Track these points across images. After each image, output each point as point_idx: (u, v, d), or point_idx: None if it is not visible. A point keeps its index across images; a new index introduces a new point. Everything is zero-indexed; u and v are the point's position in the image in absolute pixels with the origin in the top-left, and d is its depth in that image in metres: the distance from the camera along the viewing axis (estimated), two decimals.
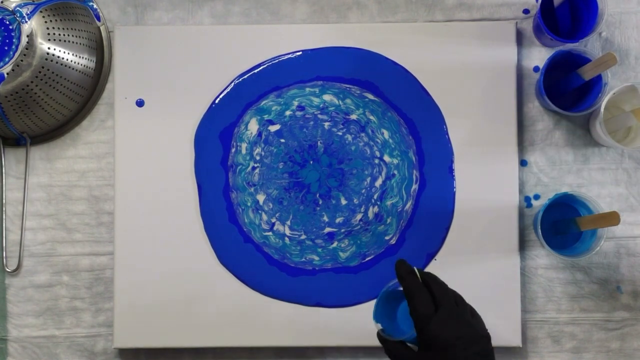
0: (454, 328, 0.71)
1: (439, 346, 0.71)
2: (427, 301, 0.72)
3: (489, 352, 0.73)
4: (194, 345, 0.91)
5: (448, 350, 0.71)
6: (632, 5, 0.94)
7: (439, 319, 0.71)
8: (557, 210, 0.89)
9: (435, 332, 0.71)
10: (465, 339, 0.71)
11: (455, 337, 0.71)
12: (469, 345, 0.71)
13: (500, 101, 0.92)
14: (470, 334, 0.72)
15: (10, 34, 0.85)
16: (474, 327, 0.73)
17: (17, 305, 0.93)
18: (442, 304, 0.72)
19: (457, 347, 0.71)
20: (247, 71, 0.93)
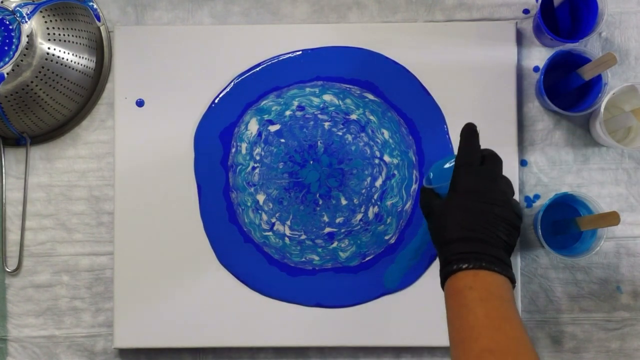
0: (481, 181, 0.73)
1: (462, 191, 0.73)
2: (473, 153, 0.75)
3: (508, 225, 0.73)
4: (194, 345, 0.91)
5: (466, 196, 0.73)
6: (632, 5, 0.94)
7: (473, 169, 0.74)
8: (557, 210, 0.89)
9: (464, 177, 0.74)
10: (487, 195, 0.73)
11: (477, 188, 0.73)
12: (489, 202, 0.72)
13: (500, 101, 0.92)
14: (496, 195, 0.73)
15: (10, 34, 0.85)
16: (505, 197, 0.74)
17: (17, 305, 0.93)
18: (486, 163, 0.75)
19: (475, 195, 0.73)
20: (246, 71, 0.93)
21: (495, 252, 0.71)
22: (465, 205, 0.73)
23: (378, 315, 0.90)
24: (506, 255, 0.73)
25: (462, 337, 0.68)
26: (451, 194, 0.75)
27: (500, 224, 0.72)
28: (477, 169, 0.75)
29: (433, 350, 0.92)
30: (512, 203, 0.75)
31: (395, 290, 0.90)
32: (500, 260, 0.71)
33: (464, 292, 0.70)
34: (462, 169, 0.75)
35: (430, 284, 0.90)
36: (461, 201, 0.73)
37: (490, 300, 0.69)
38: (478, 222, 0.72)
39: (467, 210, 0.73)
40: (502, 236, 0.72)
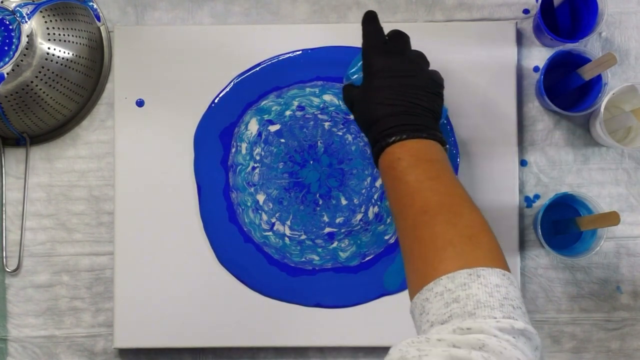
0: (389, 57, 0.75)
1: (372, 71, 0.75)
2: (376, 36, 0.77)
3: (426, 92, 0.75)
4: (194, 345, 0.91)
5: (377, 75, 0.74)
6: (632, 5, 0.94)
7: (378, 49, 0.76)
8: (557, 210, 0.89)
9: (370, 59, 0.75)
10: (398, 69, 0.74)
11: (388, 65, 0.74)
12: (401, 74, 0.74)
13: (500, 101, 0.92)
14: (406, 66, 0.75)
15: (10, 34, 0.85)
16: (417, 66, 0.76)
17: (17, 305, 0.93)
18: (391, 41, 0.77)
19: (385, 72, 0.74)
20: (246, 71, 0.93)
21: (419, 120, 0.73)
22: (380, 84, 0.74)
23: (378, 315, 0.90)
24: (433, 122, 0.74)
25: (399, 209, 0.69)
26: (365, 78, 0.76)
27: (419, 93, 0.74)
28: (383, 48, 0.76)
29: None
30: (427, 71, 0.77)
31: (395, 291, 0.90)
32: (426, 126, 0.73)
33: (394, 164, 0.71)
34: (368, 50, 0.76)
35: None
36: (376, 81, 0.75)
37: (419, 165, 0.70)
38: (396, 96, 0.73)
39: (383, 88, 0.74)
40: (424, 104, 0.74)
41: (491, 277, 0.61)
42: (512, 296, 0.61)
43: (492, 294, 0.60)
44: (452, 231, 0.65)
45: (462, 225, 0.65)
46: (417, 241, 0.66)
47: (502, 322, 0.58)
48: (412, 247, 0.67)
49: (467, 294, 0.60)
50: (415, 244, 0.66)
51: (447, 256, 0.63)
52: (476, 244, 0.64)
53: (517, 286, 0.63)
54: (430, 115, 0.74)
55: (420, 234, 0.66)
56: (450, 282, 0.61)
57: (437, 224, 0.65)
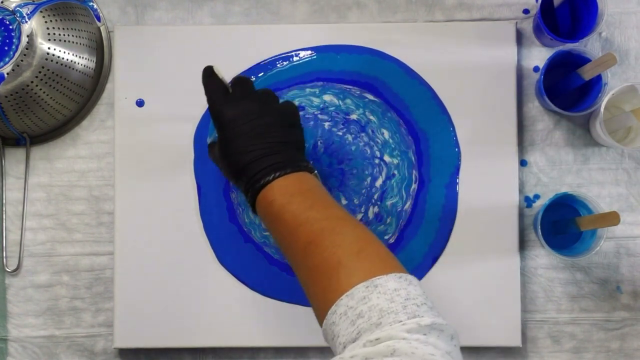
0: (235, 106, 0.75)
1: (222, 124, 0.75)
2: (217, 89, 0.76)
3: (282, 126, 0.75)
4: (194, 345, 0.91)
5: (228, 127, 0.74)
6: (632, 5, 0.94)
7: (222, 100, 0.75)
8: (557, 210, 0.89)
9: (217, 113, 0.75)
10: (246, 113, 0.74)
11: (235, 114, 0.74)
12: (252, 118, 0.74)
13: (500, 101, 0.92)
14: (255, 109, 0.75)
15: (10, 34, 0.85)
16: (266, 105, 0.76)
17: (17, 305, 0.93)
18: (232, 90, 0.77)
19: (236, 122, 0.74)
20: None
21: (280, 157, 0.73)
22: (233, 135, 0.74)
23: None
24: (296, 153, 0.75)
25: (286, 247, 0.70)
26: (218, 133, 0.76)
27: (273, 130, 0.74)
28: (227, 98, 0.76)
29: None
30: (276, 107, 0.76)
31: None
32: (289, 160, 0.73)
33: (269, 208, 0.72)
34: (213, 106, 0.76)
35: (430, 285, 0.90)
36: (228, 133, 0.74)
37: (292, 202, 0.70)
38: (252, 141, 0.73)
39: (237, 138, 0.74)
40: (281, 139, 0.74)
41: (388, 283, 0.62)
42: (413, 295, 0.61)
43: (393, 299, 0.61)
44: (340, 251, 0.65)
45: (347, 243, 0.66)
46: (310, 271, 0.67)
47: (409, 324, 0.58)
48: (308, 278, 0.68)
49: (369, 306, 0.61)
50: (309, 274, 0.67)
51: (341, 277, 0.64)
52: (365, 257, 0.65)
53: (417, 283, 0.64)
54: (291, 148, 0.75)
55: (311, 264, 0.67)
56: (350, 300, 0.62)
57: (324, 250, 0.66)
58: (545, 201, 0.87)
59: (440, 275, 0.90)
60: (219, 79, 0.77)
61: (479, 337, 0.90)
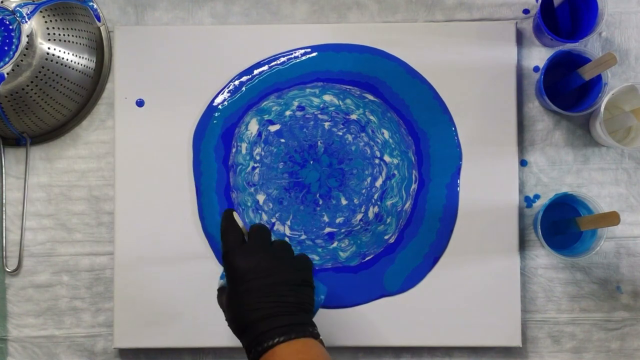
0: (249, 259, 0.73)
1: (234, 276, 0.73)
2: (234, 237, 0.74)
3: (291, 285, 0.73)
4: (194, 345, 0.91)
5: (239, 280, 0.72)
6: (632, 5, 0.94)
7: (237, 251, 0.74)
8: (557, 210, 0.89)
9: (230, 263, 0.73)
10: (259, 269, 0.72)
11: (248, 268, 0.72)
12: (263, 275, 0.72)
13: (500, 101, 0.92)
14: (267, 264, 0.73)
15: (10, 34, 0.85)
16: (279, 262, 0.73)
17: (17, 305, 0.93)
18: (248, 240, 0.75)
19: (247, 276, 0.72)
20: (246, 70, 0.93)
21: (287, 319, 0.71)
22: (243, 289, 0.72)
23: (378, 316, 0.90)
24: (302, 315, 0.72)
25: None
26: (229, 283, 0.74)
27: (284, 289, 0.72)
28: (242, 249, 0.74)
29: (433, 350, 0.92)
30: (288, 263, 0.74)
31: (395, 292, 0.90)
32: (295, 324, 0.71)
33: None
34: (228, 255, 0.74)
35: (430, 285, 0.90)
36: (239, 286, 0.72)
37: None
38: (260, 298, 0.71)
39: (246, 293, 0.72)
40: (290, 299, 0.72)
41: None
42: None
43: None
44: None
45: None
46: None
47: None
48: None
49: None
50: None
51: None
52: None
53: None
54: (300, 310, 0.73)
55: None
56: None
57: None
58: (545, 201, 0.87)
59: (441, 276, 0.90)
60: (237, 225, 0.75)
61: (479, 337, 0.90)
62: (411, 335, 0.90)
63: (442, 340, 0.90)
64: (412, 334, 0.90)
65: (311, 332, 0.72)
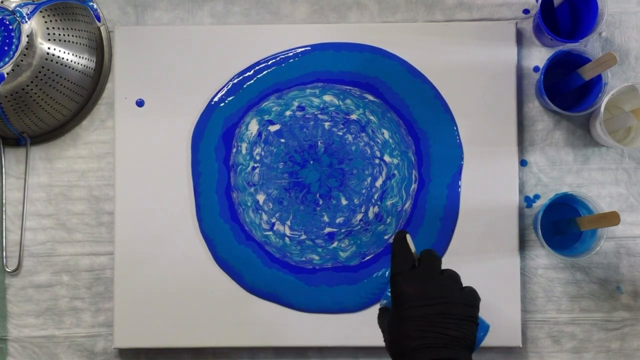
0: (417, 285, 0.71)
1: (399, 300, 0.72)
2: (404, 260, 0.73)
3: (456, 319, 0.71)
4: (194, 345, 0.91)
5: (405, 304, 0.71)
6: (632, 5, 0.94)
7: (406, 275, 0.72)
8: (557, 210, 0.89)
9: (398, 286, 0.72)
10: (425, 297, 0.71)
11: (414, 294, 0.71)
12: (428, 303, 0.70)
13: (500, 101, 0.92)
14: (435, 294, 0.71)
15: (10, 34, 0.85)
16: (447, 292, 0.72)
17: (17, 305, 0.93)
18: (418, 265, 0.73)
19: (413, 302, 0.71)
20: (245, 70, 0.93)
21: (447, 353, 0.69)
22: (408, 315, 0.71)
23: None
24: (462, 351, 0.70)
25: None
26: (394, 306, 0.73)
27: (449, 322, 0.70)
28: (411, 274, 0.73)
29: None
30: (456, 295, 0.73)
31: None
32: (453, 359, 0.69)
33: None
34: (396, 277, 0.73)
35: None
36: (404, 311, 0.71)
37: None
38: (424, 327, 0.70)
39: (410, 319, 0.70)
40: (454, 333, 0.70)
41: None
42: None
43: None
44: None
45: None
46: None
47: None
48: None
49: None
50: None
51: None
52: None
53: None
54: (460, 346, 0.70)
55: None
56: None
57: None
58: (546, 201, 0.87)
59: None
60: (409, 249, 0.74)
61: None
62: None
63: None
64: None
65: None
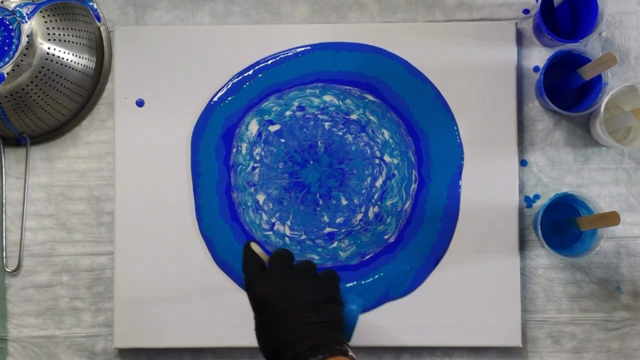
0: (270, 286, 0.72)
1: (258, 305, 0.72)
2: (253, 267, 0.74)
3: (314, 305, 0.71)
4: (194, 345, 0.91)
5: (263, 309, 0.72)
6: (632, 5, 0.94)
7: (258, 281, 0.73)
8: (557, 210, 0.89)
9: (253, 292, 0.73)
10: (279, 295, 0.71)
11: (268, 295, 0.72)
12: (285, 300, 0.71)
13: (500, 101, 0.92)
14: (289, 289, 0.71)
15: (10, 34, 0.85)
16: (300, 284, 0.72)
17: (17, 305, 0.93)
18: (268, 268, 0.74)
19: (269, 304, 0.71)
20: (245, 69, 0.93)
21: (313, 341, 0.69)
22: (266, 317, 0.71)
23: (378, 316, 0.90)
24: (330, 333, 0.71)
25: None
26: (254, 313, 0.73)
27: (307, 311, 0.71)
28: (263, 277, 0.73)
29: (433, 350, 0.92)
30: (313, 282, 0.73)
31: (400, 296, 0.90)
32: (321, 344, 0.69)
33: None
34: (249, 285, 0.74)
35: (431, 286, 0.90)
36: (262, 316, 0.72)
37: None
38: (285, 324, 0.70)
39: (269, 321, 0.71)
40: (315, 319, 0.70)
41: None
42: None
43: None
44: None
45: None
46: None
47: None
48: None
49: None
50: None
51: None
52: None
53: None
54: (326, 328, 0.71)
55: None
56: None
57: None
58: (545, 201, 0.87)
59: (441, 276, 0.90)
60: (256, 255, 0.75)
61: (479, 337, 0.90)
62: (411, 335, 0.90)
63: (442, 341, 0.90)
64: (412, 334, 0.90)
65: (339, 350, 0.70)
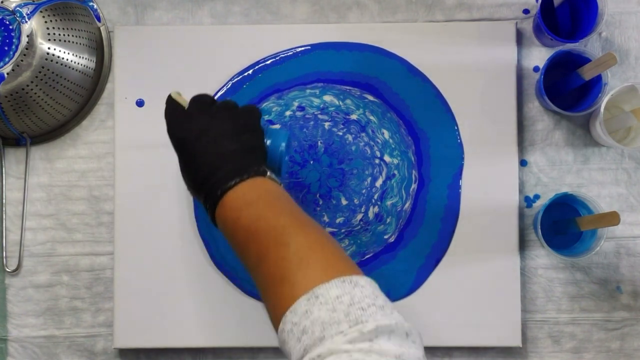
0: (186, 125, 0.72)
1: (179, 145, 0.73)
2: (173, 109, 0.74)
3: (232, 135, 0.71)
4: (194, 345, 0.91)
5: (183, 147, 0.72)
6: (632, 5, 0.94)
7: (176, 120, 0.73)
8: (557, 210, 0.89)
9: (172, 132, 0.73)
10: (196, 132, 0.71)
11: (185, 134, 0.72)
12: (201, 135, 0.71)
13: (500, 101, 0.92)
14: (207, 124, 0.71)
15: (10, 34, 0.85)
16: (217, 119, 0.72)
17: (17, 305, 0.93)
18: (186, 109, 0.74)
19: (188, 142, 0.71)
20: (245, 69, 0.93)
21: (230, 168, 0.69)
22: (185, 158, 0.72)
23: None
24: (249, 158, 0.71)
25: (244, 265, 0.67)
26: (177, 154, 0.74)
27: (220, 142, 0.71)
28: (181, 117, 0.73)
29: (433, 350, 0.92)
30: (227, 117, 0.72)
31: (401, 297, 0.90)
32: (235, 169, 0.69)
33: (223, 228, 0.69)
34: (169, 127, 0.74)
35: (431, 286, 0.90)
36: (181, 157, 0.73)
37: (241, 217, 0.66)
38: (200, 158, 0.70)
39: (188, 162, 0.72)
40: (231, 147, 0.70)
41: (330, 291, 0.58)
42: (358, 298, 0.58)
43: (335, 308, 0.57)
44: (283, 264, 0.62)
45: (291, 254, 0.62)
46: (262, 288, 0.64)
47: (350, 333, 0.55)
48: (262, 295, 0.65)
49: (312, 320, 0.57)
50: (262, 292, 0.65)
51: (284, 291, 0.60)
52: (306, 266, 0.61)
53: (366, 283, 0.60)
54: (245, 154, 0.71)
55: (262, 281, 0.64)
56: (294, 316, 0.58)
57: (271, 265, 0.63)
58: (545, 201, 0.87)
59: (441, 276, 0.90)
60: (177, 103, 0.75)
61: (479, 337, 0.90)
62: None
63: (442, 340, 0.90)
64: None
65: (256, 171, 0.69)
